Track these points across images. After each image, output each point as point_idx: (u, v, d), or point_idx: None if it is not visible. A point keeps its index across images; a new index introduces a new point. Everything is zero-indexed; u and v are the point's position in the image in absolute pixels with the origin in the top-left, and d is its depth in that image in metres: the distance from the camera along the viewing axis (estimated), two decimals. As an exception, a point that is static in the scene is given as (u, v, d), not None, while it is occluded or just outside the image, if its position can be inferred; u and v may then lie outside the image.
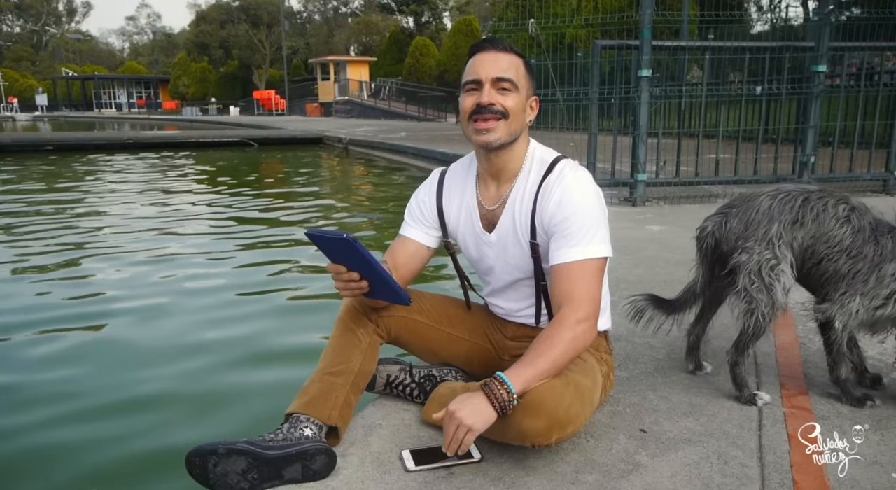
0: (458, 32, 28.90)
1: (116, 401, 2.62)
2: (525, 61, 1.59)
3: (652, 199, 5.38)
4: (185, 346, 3.19)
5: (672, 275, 3.12)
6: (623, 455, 1.52)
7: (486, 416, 1.36)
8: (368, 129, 18.16)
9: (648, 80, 5.07)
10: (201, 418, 2.49)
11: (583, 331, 1.45)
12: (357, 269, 1.45)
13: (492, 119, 1.53)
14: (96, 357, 3.06)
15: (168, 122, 32.53)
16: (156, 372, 2.89)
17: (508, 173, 1.64)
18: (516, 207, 1.62)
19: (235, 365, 2.97)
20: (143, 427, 2.42)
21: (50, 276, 4.42)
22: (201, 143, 16.10)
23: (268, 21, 42.55)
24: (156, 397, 2.65)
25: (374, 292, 1.52)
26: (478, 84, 1.54)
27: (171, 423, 2.46)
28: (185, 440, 1.95)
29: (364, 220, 6.68)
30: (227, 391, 2.72)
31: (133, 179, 10.24)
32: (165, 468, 2.10)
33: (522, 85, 1.55)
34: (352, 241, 1.33)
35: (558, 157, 1.64)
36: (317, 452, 1.44)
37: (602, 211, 1.56)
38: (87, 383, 2.79)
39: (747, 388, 1.78)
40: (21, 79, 57.74)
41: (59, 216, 6.80)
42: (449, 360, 1.83)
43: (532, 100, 1.61)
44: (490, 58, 1.55)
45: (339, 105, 31.64)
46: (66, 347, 3.16)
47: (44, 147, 15.08)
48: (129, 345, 3.20)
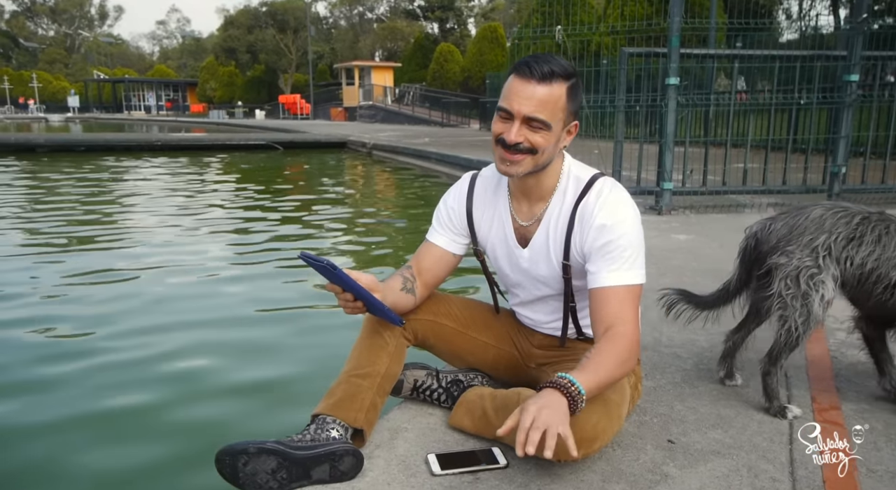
0: (482, 39, 28.94)
1: (131, 404, 2.66)
2: (572, 85, 1.46)
3: (678, 207, 5.33)
4: (209, 350, 3.23)
5: (699, 284, 3.07)
6: (650, 465, 1.51)
7: (565, 411, 1.31)
8: (392, 133, 18.25)
9: (676, 88, 5.03)
10: (226, 420, 2.52)
11: (633, 352, 1.46)
12: (349, 290, 1.47)
13: (518, 155, 1.48)
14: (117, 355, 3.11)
15: (195, 124, 33.01)
16: (173, 374, 2.93)
17: (541, 191, 1.59)
18: (551, 226, 1.59)
19: (253, 367, 3.00)
20: (173, 427, 2.45)
21: (73, 271, 4.50)
22: (227, 146, 16.31)
23: (294, 26, 43.01)
24: (175, 399, 2.68)
25: (371, 311, 1.55)
26: (509, 115, 1.46)
27: (195, 425, 2.49)
28: (206, 441, 1.97)
29: (385, 226, 6.70)
30: (247, 394, 2.75)
31: (160, 180, 10.40)
32: (191, 467, 2.12)
33: (558, 119, 1.45)
34: (331, 267, 1.37)
35: (595, 175, 1.58)
36: (344, 453, 1.45)
37: (641, 234, 1.53)
38: (106, 382, 2.83)
39: (777, 400, 1.75)
40: (54, 81, 59.05)
41: (87, 216, 6.93)
42: (475, 366, 1.83)
43: (571, 125, 1.51)
44: (528, 91, 1.42)
45: (363, 110, 31.85)
46: (90, 340, 3.22)
47: (76, 148, 15.39)
48: (150, 345, 3.25)
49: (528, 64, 1.44)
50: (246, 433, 1.84)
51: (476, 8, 46.77)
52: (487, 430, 1.59)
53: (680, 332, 2.42)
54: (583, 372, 1.37)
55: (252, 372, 2.94)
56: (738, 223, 4.73)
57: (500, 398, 1.58)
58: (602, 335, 1.47)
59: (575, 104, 1.50)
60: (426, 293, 1.72)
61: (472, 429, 1.64)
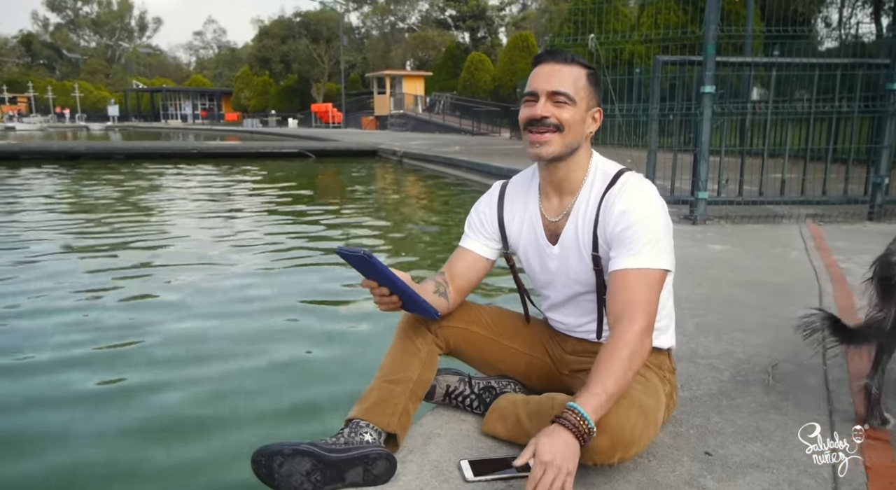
0: (513, 47, 28.99)
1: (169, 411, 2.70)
2: (590, 72, 1.57)
3: (713, 217, 5.25)
4: (243, 353, 3.27)
5: (735, 295, 3.03)
6: (687, 477, 1.48)
7: (576, 452, 1.32)
8: (423, 142, 18.35)
9: (711, 97, 4.97)
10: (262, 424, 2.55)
11: (641, 343, 1.42)
12: (384, 284, 1.47)
13: (546, 132, 1.52)
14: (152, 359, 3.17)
15: (230, 132, 33.64)
16: (208, 377, 2.98)
17: (570, 185, 1.62)
18: (579, 219, 1.60)
19: (290, 370, 3.03)
20: (207, 432, 2.49)
21: (108, 275, 4.61)
22: (261, 154, 16.58)
23: (327, 36, 43.60)
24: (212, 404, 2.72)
25: (406, 306, 1.54)
26: (534, 96, 1.54)
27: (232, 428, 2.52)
28: (247, 442, 2.00)
29: (417, 233, 6.73)
30: (285, 397, 2.78)
31: (196, 187, 10.61)
32: (228, 467, 2.15)
33: (581, 97, 1.53)
34: (367, 256, 1.37)
35: (622, 169, 1.61)
36: (378, 457, 1.46)
37: (666, 223, 1.54)
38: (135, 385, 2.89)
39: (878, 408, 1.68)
40: (95, 91, 60.84)
41: (123, 221, 7.09)
42: (507, 374, 1.83)
43: (595, 111, 1.59)
44: (548, 70, 1.54)
45: (394, 118, 32.09)
46: (130, 348, 3.29)
47: (115, 155, 15.79)
48: (187, 347, 3.30)
49: (548, 51, 1.58)
50: (281, 436, 1.86)
51: (507, 17, 46.89)
52: (521, 436, 1.58)
53: (716, 343, 2.39)
54: (590, 394, 1.35)
55: (285, 376, 2.97)
56: (774, 234, 4.67)
57: (534, 404, 1.57)
58: (612, 327, 1.48)
59: (597, 92, 1.58)
60: (459, 299, 1.73)
61: (505, 435, 1.63)
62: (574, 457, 1.30)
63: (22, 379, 2.93)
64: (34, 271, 4.74)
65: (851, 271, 3.50)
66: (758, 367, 2.15)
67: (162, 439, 2.40)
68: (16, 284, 4.39)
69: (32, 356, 3.14)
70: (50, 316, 3.72)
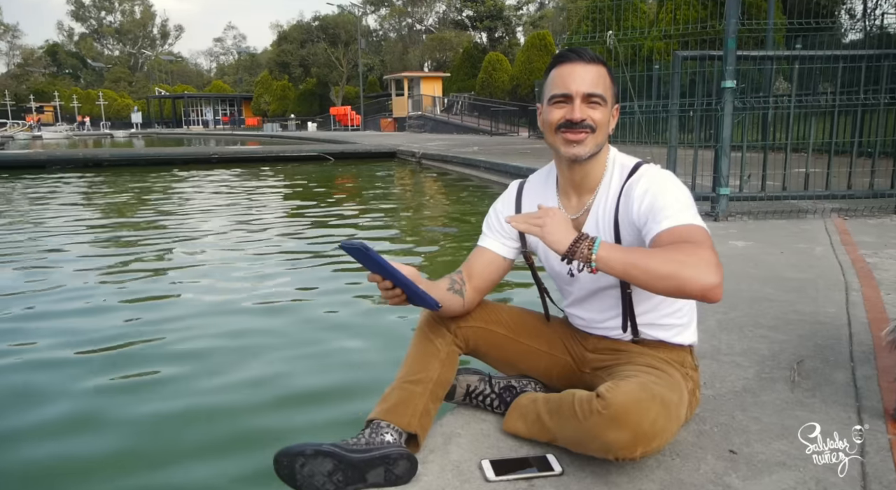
0: (531, 47, 28.89)
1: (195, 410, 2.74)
2: (608, 70, 1.57)
3: (735, 213, 5.19)
4: (266, 353, 3.30)
5: (759, 292, 2.99)
6: (712, 476, 1.46)
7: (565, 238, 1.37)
8: (441, 143, 18.36)
9: (732, 92, 4.91)
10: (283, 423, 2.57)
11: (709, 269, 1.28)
12: (387, 277, 1.48)
13: (583, 133, 1.52)
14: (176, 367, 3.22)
15: (250, 137, 33.96)
16: (233, 383, 3.01)
17: (590, 182, 1.62)
18: (599, 214, 1.60)
19: (314, 372, 3.05)
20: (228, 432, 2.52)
21: (134, 285, 4.68)
22: (281, 158, 16.71)
23: (345, 39, 43.86)
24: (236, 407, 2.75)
25: (411, 299, 1.54)
26: (567, 98, 1.52)
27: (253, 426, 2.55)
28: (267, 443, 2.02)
29: (436, 234, 6.74)
30: (302, 398, 2.80)
31: (217, 191, 10.73)
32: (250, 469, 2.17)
33: (609, 96, 1.54)
34: (364, 248, 1.38)
35: (640, 161, 1.61)
36: (399, 457, 1.46)
37: (691, 196, 1.50)
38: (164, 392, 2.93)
39: None
40: (119, 98, 61.85)
41: (146, 227, 7.20)
42: (528, 373, 1.82)
43: (615, 108, 1.60)
44: (580, 70, 1.51)
45: (413, 120, 32.17)
46: (150, 353, 3.34)
47: (138, 162, 16.03)
48: (208, 355, 3.34)
49: (572, 50, 1.56)
50: (303, 436, 1.87)
51: (524, 16, 46.76)
52: (542, 434, 1.58)
53: (740, 340, 2.36)
54: (615, 247, 1.37)
55: (307, 377, 2.99)
56: (798, 229, 4.60)
57: (555, 401, 1.56)
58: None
59: (614, 89, 1.58)
60: (476, 298, 1.73)
61: (526, 434, 1.63)
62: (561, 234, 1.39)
63: (65, 369, 3.02)
64: (63, 271, 4.84)
65: (879, 266, 3.44)
66: (783, 363, 2.12)
67: (187, 440, 2.43)
68: (47, 283, 4.50)
69: (80, 347, 3.21)
70: (84, 313, 3.82)
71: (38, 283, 4.59)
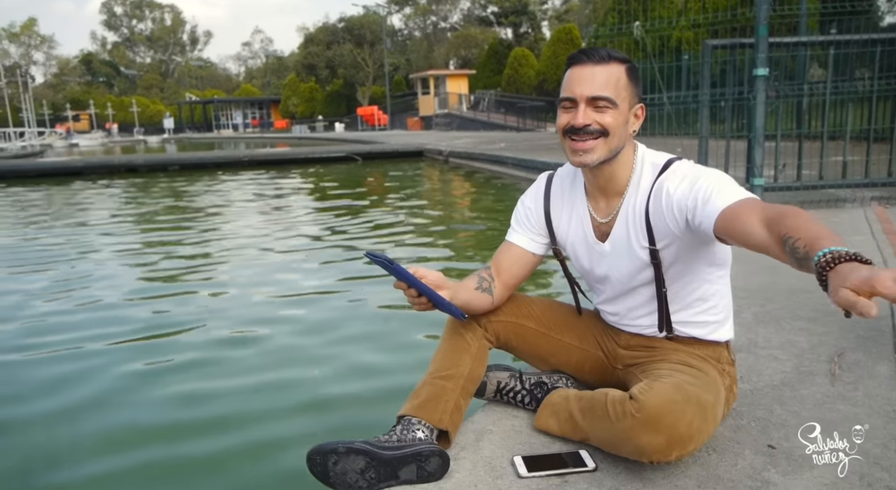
0: (557, 41, 28.68)
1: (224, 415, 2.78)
2: (629, 67, 1.47)
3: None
4: (295, 352, 3.33)
5: (797, 284, 2.91)
6: (750, 471, 1.43)
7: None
8: (468, 140, 18.34)
9: (765, 80, 4.79)
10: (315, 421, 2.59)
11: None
12: (412, 285, 1.48)
13: (589, 139, 1.45)
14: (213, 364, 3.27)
15: (279, 139, 34.36)
16: (264, 383, 3.04)
17: (616, 185, 1.56)
18: (629, 215, 1.54)
19: (346, 370, 3.07)
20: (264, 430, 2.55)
21: (168, 282, 4.77)
22: (309, 159, 16.88)
23: (371, 40, 44.07)
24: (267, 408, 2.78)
25: (435, 305, 1.53)
26: (573, 102, 1.46)
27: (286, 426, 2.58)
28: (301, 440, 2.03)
29: (464, 231, 6.73)
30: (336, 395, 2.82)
31: (249, 194, 10.88)
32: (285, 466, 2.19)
33: (623, 98, 1.45)
34: (388, 262, 1.39)
35: (672, 158, 1.54)
36: (431, 454, 1.46)
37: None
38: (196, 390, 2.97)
39: None
40: (151, 105, 63.09)
41: (180, 230, 7.33)
42: (559, 368, 1.80)
43: (637, 108, 1.50)
44: (587, 73, 1.44)
45: (439, 118, 32.18)
46: (183, 355, 3.39)
47: (170, 166, 16.35)
48: (234, 357, 3.39)
49: (583, 51, 1.48)
50: (335, 434, 1.89)
51: (550, 10, 46.39)
52: (574, 432, 1.56)
53: (777, 333, 2.30)
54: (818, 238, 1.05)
55: (339, 374, 3.01)
56: (837, 218, 4.47)
57: (587, 400, 1.54)
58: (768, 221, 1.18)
59: (637, 87, 1.50)
60: (505, 294, 1.71)
61: (558, 431, 1.61)
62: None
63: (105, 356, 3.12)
64: (108, 268, 4.96)
65: (923, 255, 3.33)
66: (822, 356, 2.06)
67: (222, 434, 2.47)
68: (90, 281, 4.66)
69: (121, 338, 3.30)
70: (125, 306, 3.96)
71: (79, 281, 4.73)
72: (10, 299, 4.40)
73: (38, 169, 16.00)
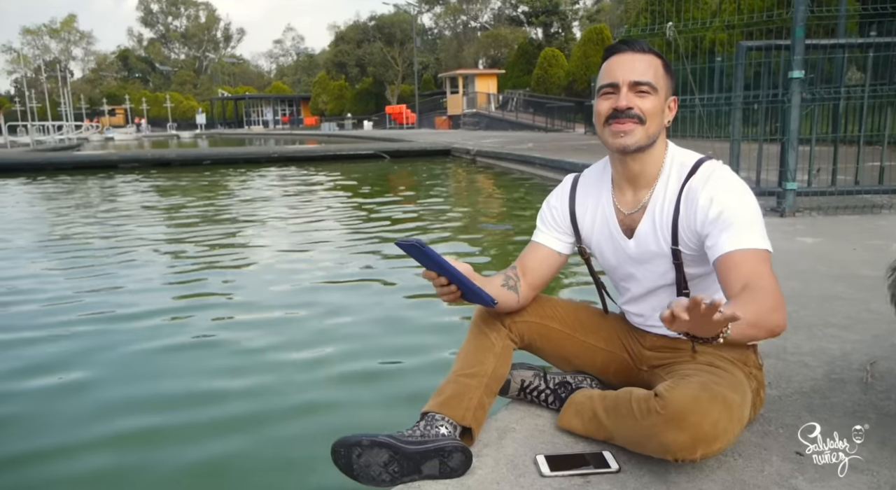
0: (588, 41, 28.44)
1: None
2: (664, 61, 1.53)
3: (803, 209, 4.98)
4: (323, 344, 3.37)
5: (830, 290, 2.86)
6: (777, 478, 1.41)
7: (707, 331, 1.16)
8: (495, 140, 18.30)
9: (800, 82, 4.71)
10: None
11: (782, 307, 1.31)
12: (442, 273, 1.48)
13: (629, 122, 1.48)
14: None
15: (308, 136, 34.71)
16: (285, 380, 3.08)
17: (646, 178, 1.58)
18: (657, 212, 1.55)
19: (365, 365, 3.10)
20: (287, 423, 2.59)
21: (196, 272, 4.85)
22: (338, 156, 17.01)
23: (401, 38, 44.24)
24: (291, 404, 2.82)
25: (466, 296, 1.54)
26: (614, 87, 1.49)
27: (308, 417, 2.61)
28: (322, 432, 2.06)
29: (491, 231, 6.72)
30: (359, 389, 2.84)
31: (277, 188, 11.01)
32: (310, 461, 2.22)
33: (661, 86, 1.49)
34: (420, 245, 1.39)
35: (701, 158, 1.55)
36: (454, 450, 1.47)
37: (757, 207, 1.47)
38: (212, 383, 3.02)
39: None
40: (184, 101, 64.20)
41: (209, 223, 7.45)
42: (583, 369, 1.80)
43: (671, 100, 1.55)
44: (627, 60, 1.49)
45: (467, 117, 32.17)
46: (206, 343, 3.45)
47: (202, 161, 16.62)
48: (270, 335, 3.44)
49: (623, 41, 1.53)
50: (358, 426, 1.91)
51: (581, 10, 46.06)
52: (598, 432, 1.56)
53: (808, 339, 2.26)
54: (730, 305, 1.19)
55: (362, 366, 3.04)
56: (872, 225, 4.38)
57: (611, 399, 1.54)
58: (739, 293, 1.33)
59: (672, 80, 1.54)
60: (531, 294, 1.71)
61: (581, 431, 1.61)
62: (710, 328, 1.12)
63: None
64: (154, 254, 5.08)
65: (962, 264, 3.23)
66: (854, 364, 2.03)
67: (253, 427, 2.51)
68: (126, 268, 4.77)
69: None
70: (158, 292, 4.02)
71: (123, 266, 4.85)
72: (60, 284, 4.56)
73: (75, 161, 16.39)
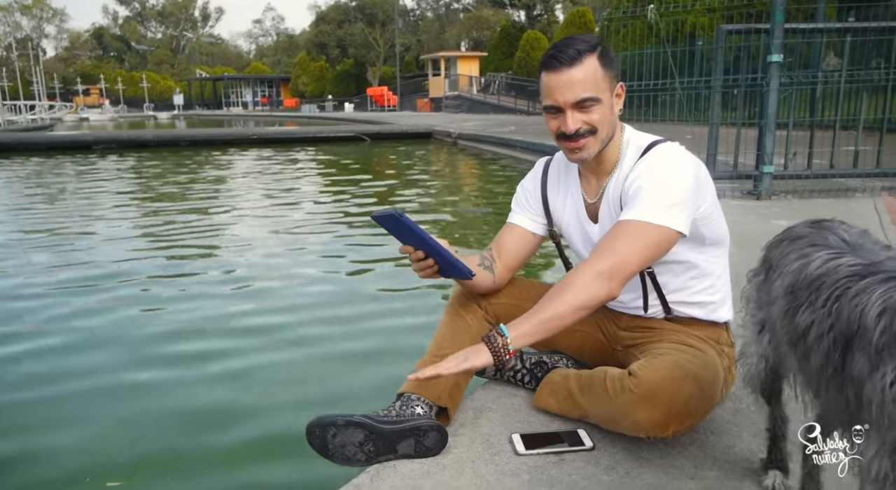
0: (570, 24, 28.33)
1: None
2: (601, 52, 1.45)
3: (779, 192, 5.04)
4: (306, 327, 3.36)
5: (802, 272, 2.90)
6: (747, 453, 1.44)
7: (484, 358, 1.35)
8: (477, 123, 18.24)
9: (779, 66, 4.74)
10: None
11: (596, 283, 1.36)
12: (419, 246, 1.47)
13: (581, 140, 1.47)
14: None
15: (288, 118, 34.29)
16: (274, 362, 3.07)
17: (606, 166, 1.58)
18: (610, 196, 1.57)
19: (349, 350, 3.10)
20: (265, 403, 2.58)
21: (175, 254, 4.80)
22: (318, 139, 16.84)
23: (382, 19, 43.83)
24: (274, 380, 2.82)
25: (443, 271, 1.53)
26: (557, 109, 1.47)
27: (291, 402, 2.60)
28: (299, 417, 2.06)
29: (471, 214, 6.72)
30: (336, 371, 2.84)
31: (255, 171, 10.89)
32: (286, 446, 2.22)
33: (603, 89, 1.45)
34: (398, 214, 1.38)
35: (656, 140, 1.54)
36: (429, 429, 1.47)
37: (688, 186, 1.42)
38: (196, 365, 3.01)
39: None
40: (161, 81, 63.06)
41: (187, 203, 7.36)
42: (560, 349, 1.81)
43: (617, 89, 1.50)
44: (564, 79, 1.43)
45: (449, 100, 32.01)
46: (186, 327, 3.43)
47: (180, 142, 16.37)
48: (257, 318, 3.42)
49: (553, 56, 1.45)
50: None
51: (563, -7, 45.85)
52: (573, 410, 1.57)
53: (780, 320, 2.29)
54: (521, 320, 1.39)
55: (342, 344, 3.04)
56: (846, 208, 4.45)
57: (586, 378, 1.56)
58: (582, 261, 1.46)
59: (612, 68, 1.48)
60: (507, 275, 1.72)
61: (557, 409, 1.62)
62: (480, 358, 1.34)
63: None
64: (103, 247, 5.00)
65: (931, 247, 3.30)
66: (825, 344, 2.06)
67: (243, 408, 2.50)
68: (96, 255, 4.68)
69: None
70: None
71: (93, 253, 4.76)
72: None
73: (48, 142, 16.05)
